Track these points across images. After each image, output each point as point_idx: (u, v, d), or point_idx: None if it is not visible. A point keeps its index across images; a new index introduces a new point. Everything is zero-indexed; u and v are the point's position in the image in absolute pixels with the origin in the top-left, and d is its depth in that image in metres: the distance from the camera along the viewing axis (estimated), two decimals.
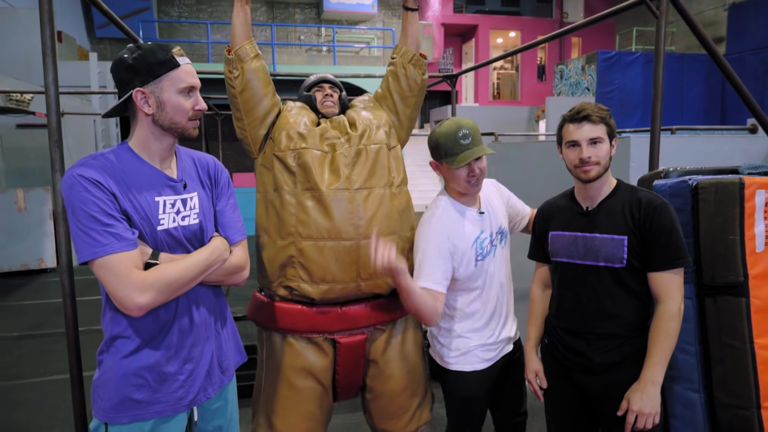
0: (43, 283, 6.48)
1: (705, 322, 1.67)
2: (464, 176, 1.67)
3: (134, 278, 1.16)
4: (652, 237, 1.51)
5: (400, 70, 1.89)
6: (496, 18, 16.37)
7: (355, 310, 1.75)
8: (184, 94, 1.28)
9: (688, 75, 11.73)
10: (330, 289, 1.71)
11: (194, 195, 1.37)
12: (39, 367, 3.84)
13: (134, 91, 1.25)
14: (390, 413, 1.86)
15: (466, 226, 1.71)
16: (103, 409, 1.26)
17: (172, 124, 1.29)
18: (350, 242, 1.69)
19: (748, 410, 1.55)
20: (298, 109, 1.87)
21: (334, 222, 1.69)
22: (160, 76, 1.25)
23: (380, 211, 1.73)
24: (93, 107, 8.49)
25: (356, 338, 1.77)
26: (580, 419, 1.70)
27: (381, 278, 1.74)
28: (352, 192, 1.71)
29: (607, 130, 1.56)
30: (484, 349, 1.78)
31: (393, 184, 1.80)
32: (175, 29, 14.53)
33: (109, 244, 1.16)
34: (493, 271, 1.76)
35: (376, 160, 1.77)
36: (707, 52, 2.10)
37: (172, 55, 1.27)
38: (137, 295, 1.16)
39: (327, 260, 1.68)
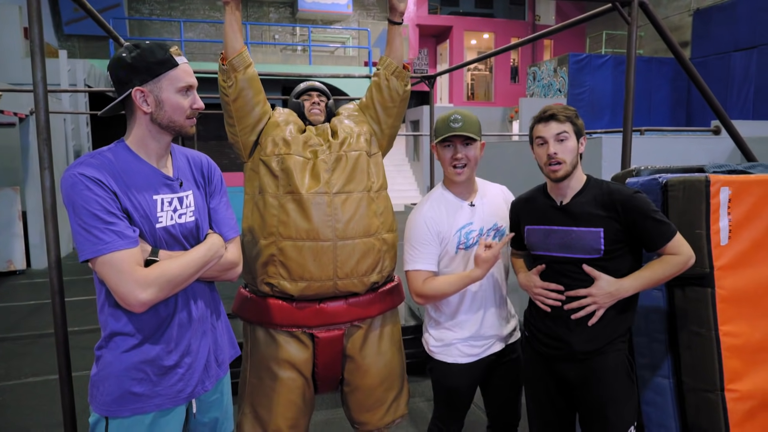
0: (13, 286, 6.32)
1: (674, 312, 1.78)
2: (448, 158, 1.76)
3: (137, 275, 1.19)
4: (639, 224, 1.58)
5: (383, 82, 1.95)
6: (470, 20, 16.59)
7: (332, 306, 1.83)
8: (182, 93, 1.30)
9: (656, 78, 12.11)
10: (308, 287, 1.79)
11: (189, 193, 1.40)
12: (13, 369, 3.77)
13: (133, 90, 1.26)
14: (366, 406, 1.94)
15: (453, 214, 1.79)
16: (104, 403, 1.28)
17: (170, 123, 1.31)
18: (328, 243, 1.77)
19: (713, 393, 1.65)
20: (285, 116, 1.95)
21: (313, 224, 1.77)
22: (159, 76, 1.27)
23: (357, 214, 1.82)
24: (63, 106, 8.30)
25: (334, 333, 1.85)
26: (558, 409, 1.77)
27: (357, 278, 1.82)
28: (331, 196, 1.80)
29: (573, 129, 1.64)
30: (466, 344, 1.81)
31: (372, 188, 1.89)
32: (147, 27, 14.28)
33: (112, 242, 1.18)
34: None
35: (355, 166, 1.86)
36: (675, 58, 2.22)
37: (171, 55, 1.29)
38: (140, 292, 1.19)
39: (305, 259, 1.77)
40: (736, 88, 10.75)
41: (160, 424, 1.31)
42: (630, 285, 1.59)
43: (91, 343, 1.37)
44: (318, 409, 3.01)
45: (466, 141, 1.75)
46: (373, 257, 1.85)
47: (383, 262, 1.89)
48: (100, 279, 1.25)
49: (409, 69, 2.00)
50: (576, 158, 1.66)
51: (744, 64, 10.61)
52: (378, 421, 1.96)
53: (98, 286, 1.30)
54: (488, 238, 1.81)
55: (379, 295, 1.92)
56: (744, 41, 10.66)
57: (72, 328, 1.74)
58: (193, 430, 1.46)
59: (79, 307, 4.88)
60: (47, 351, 4.06)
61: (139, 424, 1.29)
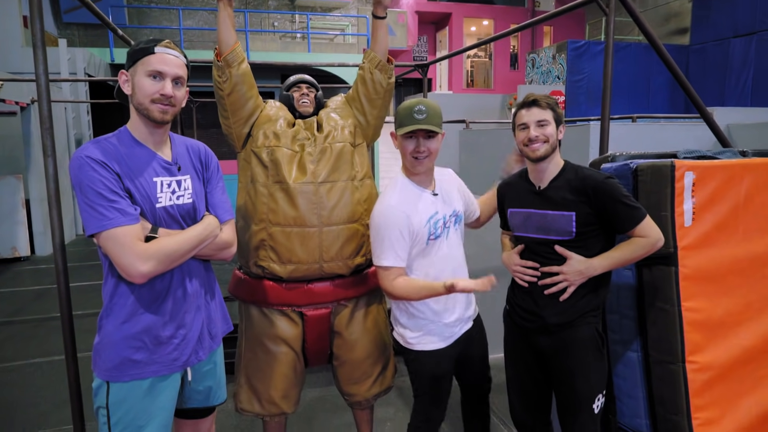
0: (18, 272, 6.46)
1: (643, 290, 1.89)
2: (410, 150, 1.74)
3: (137, 249, 1.31)
4: (609, 209, 1.68)
5: (368, 75, 2.05)
6: (470, 6, 16.52)
7: (319, 287, 1.97)
8: (150, 77, 1.40)
9: (654, 64, 12.09)
10: (296, 269, 1.93)
11: (187, 177, 1.51)
12: (21, 351, 3.91)
13: (119, 73, 1.43)
14: (354, 378, 2.09)
15: (421, 206, 1.79)
16: (105, 369, 1.40)
17: (139, 105, 1.42)
18: (314, 229, 1.91)
19: (675, 364, 1.77)
20: (276, 110, 2.07)
21: (300, 211, 1.90)
22: (137, 61, 1.41)
23: (342, 202, 1.95)
24: (64, 94, 8.37)
25: (321, 311, 1.99)
26: (536, 379, 1.89)
27: (341, 261, 1.95)
28: (317, 185, 1.93)
29: (553, 116, 1.75)
30: (443, 329, 1.85)
31: (356, 177, 2.02)
32: (146, 15, 14.26)
33: (115, 219, 1.30)
34: (446, 253, 1.83)
35: (339, 156, 1.98)
36: (652, 46, 2.29)
37: (154, 44, 1.42)
38: (140, 264, 1.30)
39: (293, 244, 1.90)
40: (735, 75, 10.77)
41: (157, 389, 1.43)
42: (599, 264, 1.70)
43: (94, 326, 1.48)
44: (312, 387, 3.14)
45: (429, 134, 1.75)
46: (356, 242, 1.98)
47: (367, 245, 2.01)
48: (105, 253, 1.36)
49: (393, 62, 2.08)
50: (555, 143, 1.76)
51: (743, 50, 10.61)
52: (366, 392, 2.11)
53: (102, 260, 1.42)
54: (451, 224, 1.85)
55: (364, 276, 2.07)
56: (743, 27, 10.65)
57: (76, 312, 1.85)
58: (189, 396, 1.58)
59: (82, 292, 5.01)
60: (52, 333, 4.20)
61: (138, 389, 1.40)
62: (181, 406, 1.58)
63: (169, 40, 1.46)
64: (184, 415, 1.63)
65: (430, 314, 1.84)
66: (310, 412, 2.90)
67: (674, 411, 1.78)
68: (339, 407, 2.91)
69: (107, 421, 1.40)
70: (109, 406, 1.39)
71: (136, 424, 1.41)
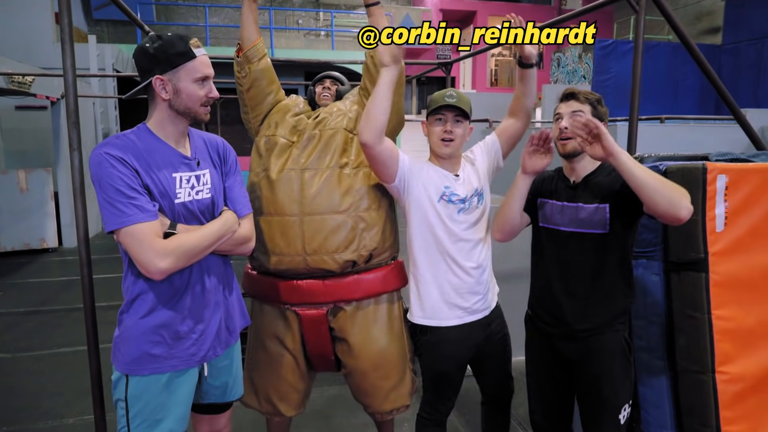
0: (46, 263, 6.61)
1: (671, 296, 1.83)
2: (438, 132, 1.80)
3: (156, 245, 1.31)
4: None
5: (369, 61, 1.99)
6: (495, 4, 16.34)
7: (309, 284, 1.85)
8: (198, 83, 1.41)
9: (684, 65, 11.79)
10: (279, 261, 1.84)
11: (206, 172, 1.51)
12: (47, 340, 4.00)
13: (154, 79, 1.38)
14: (363, 390, 1.98)
15: (439, 177, 1.81)
16: (125, 363, 1.41)
17: (186, 110, 1.42)
18: (293, 218, 1.82)
19: (705, 374, 1.71)
20: (293, 102, 2.05)
21: (278, 198, 1.83)
22: (177, 66, 1.38)
23: (325, 190, 1.83)
24: (92, 90, 8.54)
25: (315, 312, 1.87)
26: (558, 385, 1.83)
27: (326, 254, 1.81)
28: (299, 172, 1.85)
29: (591, 111, 1.68)
30: (452, 304, 1.80)
31: (347, 165, 1.88)
32: (173, 12, 14.46)
33: (134, 215, 1.30)
34: (461, 230, 1.79)
35: (329, 143, 1.89)
36: (684, 45, 2.23)
37: (190, 47, 1.40)
38: (159, 260, 1.30)
39: (274, 233, 1.83)
40: None
41: (175, 384, 1.44)
42: (625, 155, 1.50)
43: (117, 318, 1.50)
44: (331, 384, 3.13)
45: (457, 117, 1.80)
46: (344, 234, 1.82)
47: (360, 240, 1.85)
48: (125, 250, 1.36)
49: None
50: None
51: None
52: (378, 406, 1.99)
53: (123, 256, 1.43)
54: (471, 204, 1.82)
55: (366, 277, 1.90)
56: None
57: (100, 303, 1.88)
58: (206, 391, 1.58)
59: (106, 284, 5.10)
60: (77, 324, 4.29)
61: (156, 383, 1.41)
62: (198, 401, 1.58)
63: (196, 38, 1.45)
64: (201, 410, 1.63)
65: (435, 282, 1.80)
66: (329, 410, 2.89)
67: (703, 423, 1.72)
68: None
69: (126, 413, 1.41)
70: (128, 399, 1.40)
71: (153, 417, 1.41)
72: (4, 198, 6.86)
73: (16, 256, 6.86)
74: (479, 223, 1.86)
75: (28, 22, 8.24)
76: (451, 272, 1.80)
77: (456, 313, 1.82)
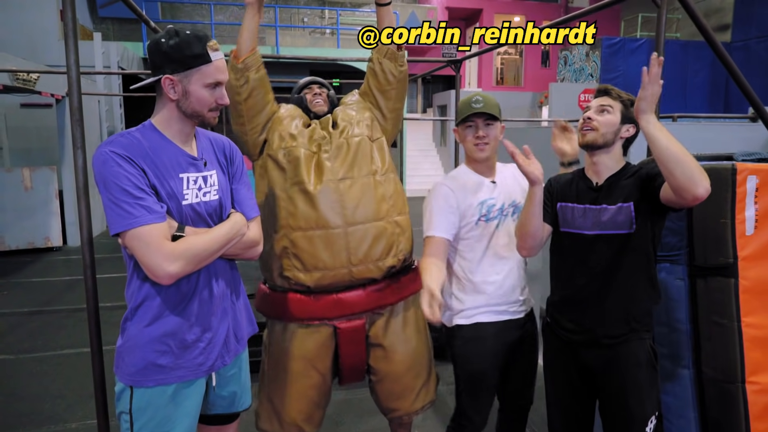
0: (50, 262, 6.58)
1: (696, 302, 1.76)
2: (470, 137, 1.83)
3: (165, 248, 1.24)
4: (654, 169, 1.54)
5: (376, 66, 1.94)
6: (501, 2, 16.25)
7: (350, 296, 1.82)
8: (209, 88, 1.34)
9: (693, 63, 11.67)
10: (323, 276, 1.78)
11: (213, 173, 1.44)
12: (50, 341, 3.96)
13: (163, 78, 1.31)
14: (395, 394, 1.94)
15: (476, 188, 1.85)
16: (129, 374, 1.34)
17: (193, 113, 1.36)
18: (338, 230, 1.78)
19: (734, 384, 1.64)
20: (290, 111, 1.98)
21: (320, 212, 1.77)
22: (190, 69, 1.31)
23: (364, 199, 1.82)
24: (98, 87, 8.50)
25: (355, 323, 1.84)
26: (579, 394, 1.76)
27: (372, 263, 1.81)
28: (336, 183, 1.81)
29: (621, 109, 1.63)
30: (490, 309, 1.85)
31: (377, 172, 1.89)
32: (178, 9, 14.43)
33: (141, 216, 1.24)
34: (500, 241, 1.84)
35: (357, 151, 1.87)
36: (706, 41, 2.14)
37: (207, 50, 1.32)
38: (168, 264, 1.24)
39: (317, 249, 1.77)
40: None
41: (182, 395, 1.37)
42: (654, 118, 1.44)
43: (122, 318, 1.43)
44: (339, 389, 3.07)
45: (487, 121, 1.81)
46: (386, 240, 1.84)
47: (398, 245, 1.87)
48: (129, 253, 1.30)
49: (404, 49, 1.95)
50: (613, 135, 1.63)
51: None
52: (409, 407, 1.96)
53: (127, 260, 1.36)
54: (508, 214, 1.87)
55: (399, 281, 1.91)
56: None
57: (104, 304, 1.82)
58: (213, 402, 1.52)
59: (111, 284, 5.06)
60: (82, 325, 4.24)
61: (162, 395, 1.35)
62: (205, 412, 1.52)
63: (208, 34, 1.37)
64: (208, 421, 1.56)
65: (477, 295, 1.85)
66: (337, 417, 2.83)
67: None
68: (366, 411, 2.84)
69: (130, 426, 1.35)
70: (133, 412, 1.34)
71: (160, 430, 1.35)
72: (9, 196, 6.83)
73: (20, 254, 6.84)
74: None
75: (33, 20, 8.21)
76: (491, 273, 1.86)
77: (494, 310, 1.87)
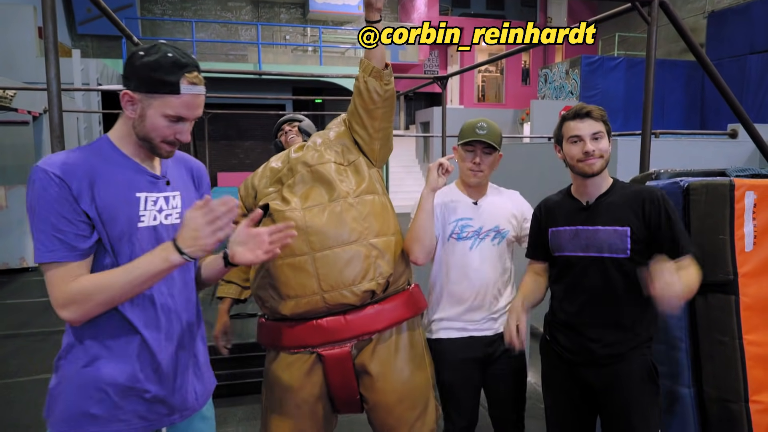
0: (25, 282, 6.36)
1: (696, 320, 1.73)
2: (468, 162, 1.89)
3: (61, 290, 1.14)
4: (662, 227, 1.55)
5: (362, 84, 1.89)
6: (482, 21, 16.52)
7: (330, 321, 1.76)
8: (168, 119, 1.21)
9: (669, 81, 11.96)
10: (296, 305, 1.74)
11: (177, 194, 1.33)
12: (25, 366, 3.78)
13: (122, 92, 1.19)
14: (388, 425, 1.85)
15: (456, 206, 1.94)
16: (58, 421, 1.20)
17: (144, 138, 1.23)
18: (304, 257, 1.73)
19: (737, 403, 1.61)
20: (259, 170, 2.02)
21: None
22: (154, 93, 1.18)
23: (332, 223, 1.76)
24: (76, 104, 8.36)
25: (339, 351, 1.77)
26: (579, 412, 1.73)
27: (345, 288, 1.74)
28: (301, 211, 1.77)
29: (605, 128, 1.63)
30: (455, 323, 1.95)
31: (349, 195, 1.82)
32: (159, 27, 14.36)
33: (55, 251, 1.13)
34: (471, 262, 1.90)
35: (321, 177, 1.83)
36: (696, 58, 2.17)
37: (180, 81, 1.19)
38: (60, 309, 1.14)
39: (287, 277, 1.74)
40: (752, 92, 10.60)
41: None
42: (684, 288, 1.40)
43: None
44: None
45: (486, 149, 1.87)
46: (360, 264, 1.75)
47: (375, 268, 1.77)
48: None
49: (389, 67, 1.90)
50: (608, 158, 1.65)
51: (760, 66, 10.46)
52: None
53: None
54: (486, 237, 1.91)
55: (385, 307, 1.82)
56: (760, 44, 10.51)
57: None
58: None
59: None
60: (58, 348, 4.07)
61: None
62: None
63: (194, 63, 1.22)
64: None
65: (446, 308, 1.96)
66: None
67: None
68: None
69: None
70: None
71: None
72: None
73: None
74: (495, 259, 1.93)
75: (11, 37, 8.07)
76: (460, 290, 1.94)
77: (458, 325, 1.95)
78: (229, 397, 3.15)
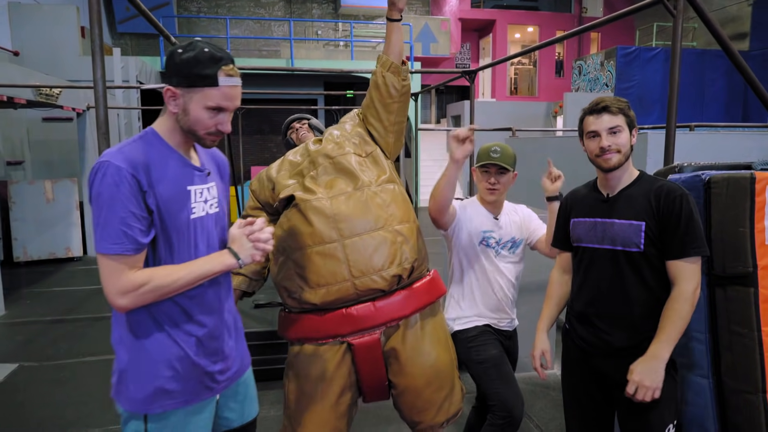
0: (71, 271, 6.70)
1: (715, 311, 1.75)
2: (484, 182, 2.10)
3: (121, 281, 1.22)
4: (671, 225, 1.56)
5: (380, 79, 1.97)
6: (514, 13, 16.31)
7: (360, 309, 1.80)
8: (210, 111, 1.29)
9: (710, 71, 11.59)
10: (327, 292, 1.78)
11: (213, 184, 1.42)
12: (72, 349, 4.02)
13: (165, 89, 1.28)
14: (417, 408, 1.91)
15: (483, 220, 2.15)
16: (136, 400, 1.31)
17: (189, 130, 1.31)
18: (334, 244, 1.78)
19: (754, 395, 1.62)
20: (277, 163, 2.09)
21: (315, 227, 1.79)
22: (194, 87, 1.26)
23: (359, 210, 1.82)
24: (116, 101, 8.68)
25: (368, 338, 1.81)
26: (596, 403, 1.76)
27: (375, 273, 1.79)
28: (328, 200, 1.83)
29: (626, 120, 1.63)
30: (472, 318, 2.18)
31: (371, 184, 1.89)
32: (195, 24, 14.72)
33: (120, 244, 1.21)
34: (493, 268, 2.14)
35: (343, 168, 1.90)
36: (723, 50, 2.15)
37: (218, 74, 1.26)
38: (118, 298, 1.23)
39: (317, 265, 1.78)
40: None
41: (193, 418, 1.36)
42: (665, 350, 1.53)
43: None
44: None
45: (501, 171, 2.07)
46: (387, 249, 1.81)
47: (402, 254, 1.83)
48: None
49: (407, 63, 2.00)
50: (629, 150, 1.65)
51: None
52: (431, 419, 1.93)
53: None
54: (505, 246, 2.16)
55: (411, 292, 1.88)
56: None
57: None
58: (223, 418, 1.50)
59: None
60: (103, 332, 4.31)
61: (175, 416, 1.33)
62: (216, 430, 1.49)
63: (229, 57, 1.29)
64: None
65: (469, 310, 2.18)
66: (354, 426, 2.83)
67: None
68: (383, 419, 2.85)
69: None
70: None
71: None
72: (31, 208, 6.98)
73: (41, 264, 6.97)
74: (511, 267, 2.18)
75: (55, 37, 8.42)
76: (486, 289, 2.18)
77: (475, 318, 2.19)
78: (261, 381, 3.29)
